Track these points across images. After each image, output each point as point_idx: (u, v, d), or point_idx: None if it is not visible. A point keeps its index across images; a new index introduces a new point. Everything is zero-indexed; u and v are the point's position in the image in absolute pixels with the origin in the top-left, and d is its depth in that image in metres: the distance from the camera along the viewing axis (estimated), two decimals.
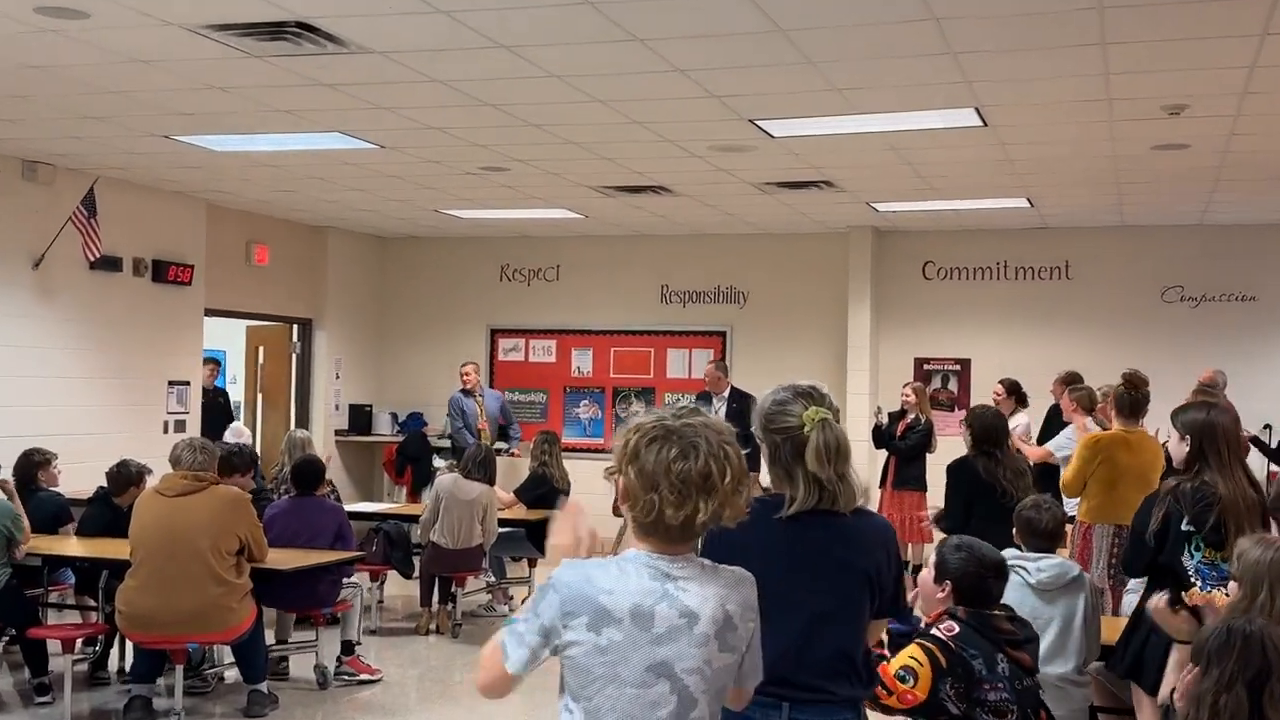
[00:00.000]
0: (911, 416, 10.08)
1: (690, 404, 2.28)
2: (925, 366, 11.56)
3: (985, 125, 7.05)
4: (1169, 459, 4.47)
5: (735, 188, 9.37)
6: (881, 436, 10.00)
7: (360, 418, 12.64)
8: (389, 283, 13.23)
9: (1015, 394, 9.48)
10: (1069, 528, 5.85)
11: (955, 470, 5.78)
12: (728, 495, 2.15)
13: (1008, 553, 4.05)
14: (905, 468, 9.70)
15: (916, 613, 3.49)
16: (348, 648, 7.00)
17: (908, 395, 10.16)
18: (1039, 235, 11.25)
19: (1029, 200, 9.78)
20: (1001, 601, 3.43)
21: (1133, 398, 6.26)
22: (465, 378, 11.02)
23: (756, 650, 2.26)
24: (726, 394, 10.54)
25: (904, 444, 9.79)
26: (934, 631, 3.30)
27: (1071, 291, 11.17)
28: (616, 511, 8.67)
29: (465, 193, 9.94)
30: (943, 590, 3.44)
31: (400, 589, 9.54)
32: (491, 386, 12.58)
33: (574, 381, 12.60)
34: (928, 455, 9.96)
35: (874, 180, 9.03)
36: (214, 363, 11.24)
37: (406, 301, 13.15)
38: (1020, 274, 11.31)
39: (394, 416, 12.85)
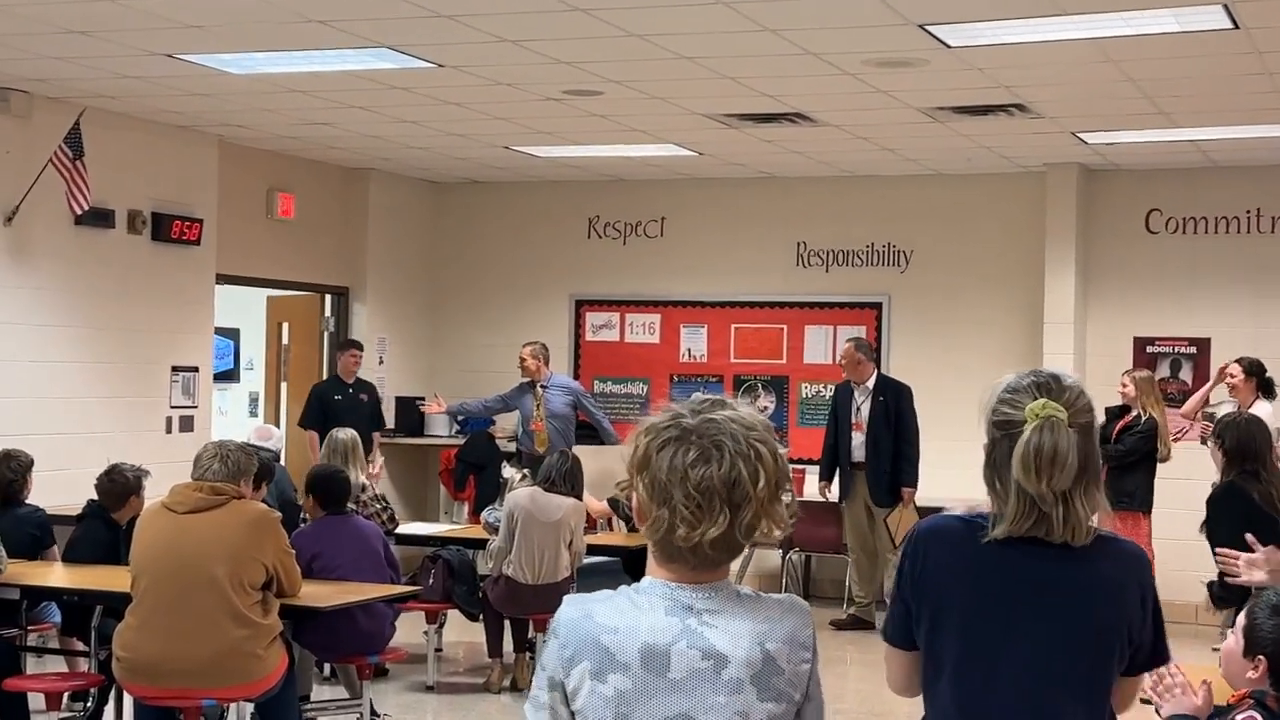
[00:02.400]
0: (1133, 414, 9.91)
1: (714, 395, 2.31)
2: (1149, 349, 11.37)
3: (1236, 27, 6.91)
4: None
5: (897, 115, 9.28)
6: None
7: (410, 415, 12.77)
8: (446, 241, 13.35)
9: (1258, 378, 9.26)
10: None
11: (1222, 501, 5.67)
12: (763, 503, 2.20)
13: None
14: (1119, 479, 9.57)
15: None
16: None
17: (1126, 386, 10.00)
18: None
19: None
20: None
21: None
22: (522, 364, 11.04)
23: (818, 699, 2.30)
24: (871, 384, 10.48)
25: (1116, 447, 9.64)
26: None
27: None
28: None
29: (544, 124, 9.98)
30: (1255, 668, 3.34)
31: (464, 633, 9.63)
32: (576, 375, 12.63)
33: (683, 368, 12.62)
34: (1157, 464, 9.79)
35: (1082, 102, 8.89)
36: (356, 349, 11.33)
37: (468, 265, 13.27)
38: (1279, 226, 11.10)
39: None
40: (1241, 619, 3.44)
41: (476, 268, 13.24)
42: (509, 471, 9.26)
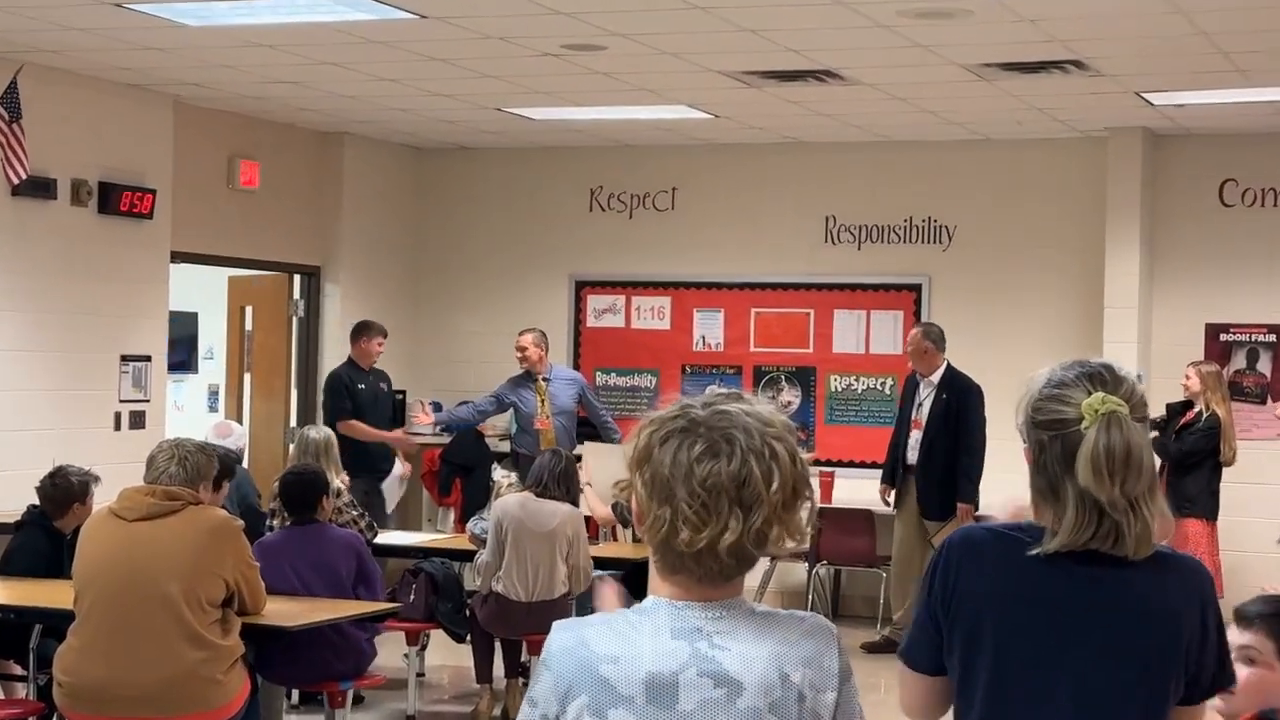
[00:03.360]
0: (1195, 410, 9.90)
1: (730, 389, 2.33)
2: (1222, 337, 11.35)
3: None
4: None
5: (939, 72, 9.26)
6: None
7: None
8: (430, 215, 13.34)
9: None
10: None
11: None
12: (776, 509, 2.21)
13: None
14: (1180, 483, 9.56)
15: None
16: None
17: (1190, 379, 10.02)
18: None
19: None
20: None
21: None
22: (523, 354, 11.06)
23: None
24: (938, 378, 10.40)
25: (1177, 446, 9.63)
26: None
27: None
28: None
29: (541, 83, 9.95)
30: None
31: (449, 656, 9.62)
32: (575, 366, 12.61)
33: (697, 358, 12.60)
34: (1221, 467, 9.76)
35: (1148, 58, 8.86)
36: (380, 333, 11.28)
37: (454, 242, 13.26)
38: None
39: (437, 408, 12.93)
40: None
41: (464, 245, 13.22)
42: (500, 474, 9.24)
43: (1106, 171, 11.32)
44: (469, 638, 8.61)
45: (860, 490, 11.31)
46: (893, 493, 10.68)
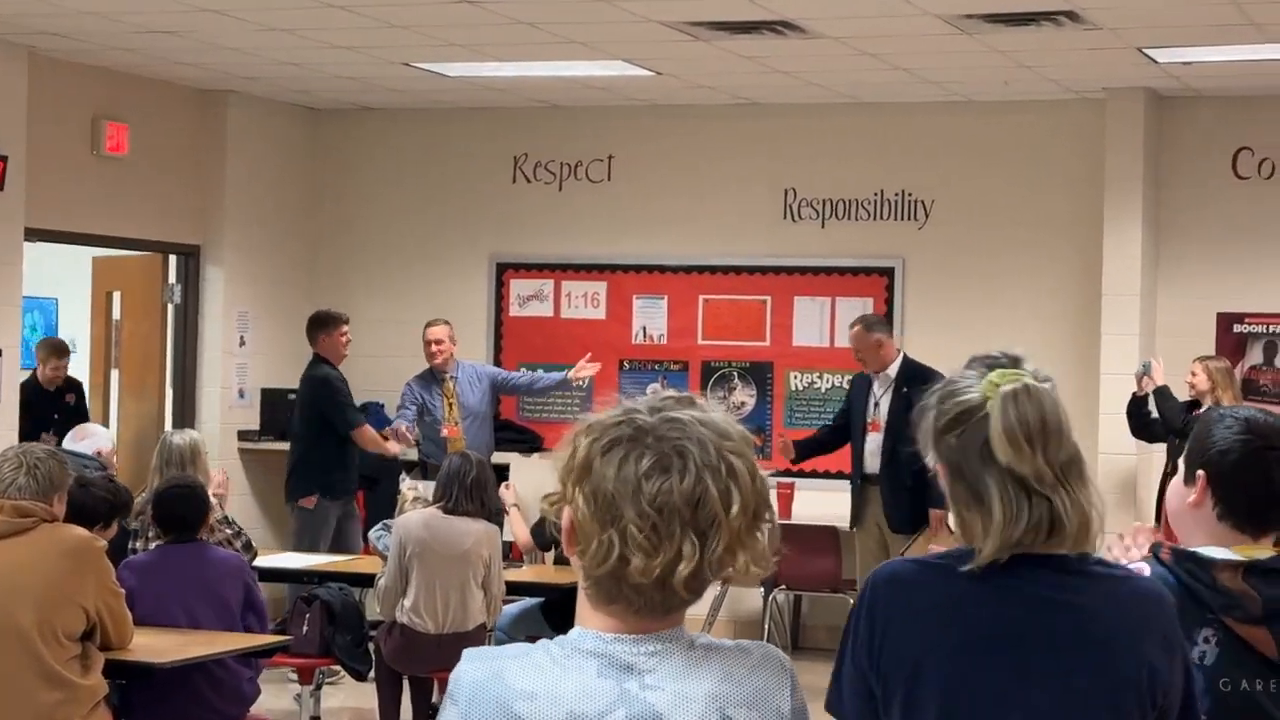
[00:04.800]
0: (1203, 409, 10.02)
1: (680, 392, 2.34)
2: (1236, 328, 11.47)
3: None
4: None
5: (914, 24, 9.29)
6: (1141, 413, 9.96)
7: (280, 412, 12.71)
8: (328, 186, 13.31)
9: None
10: None
11: None
12: (737, 533, 2.22)
13: None
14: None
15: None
16: None
17: (1196, 375, 10.13)
18: None
19: None
20: None
21: None
22: (434, 349, 11.08)
23: None
24: (893, 371, 10.42)
25: (1183, 424, 9.88)
26: None
27: None
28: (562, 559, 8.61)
29: (455, 35, 9.94)
30: (1194, 489, 3.40)
31: (349, 696, 9.60)
32: (496, 359, 12.60)
33: (636, 352, 12.63)
34: None
35: (1152, 9, 8.92)
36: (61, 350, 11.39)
37: (355, 218, 13.24)
38: None
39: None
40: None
41: (367, 221, 13.20)
42: (406, 485, 9.23)
43: (1105, 139, 11.39)
44: (371, 675, 8.59)
45: (824, 505, 11.36)
46: (792, 456, 10.70)
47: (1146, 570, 3.24)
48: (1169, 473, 10.06)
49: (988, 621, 2.74)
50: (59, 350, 11.85)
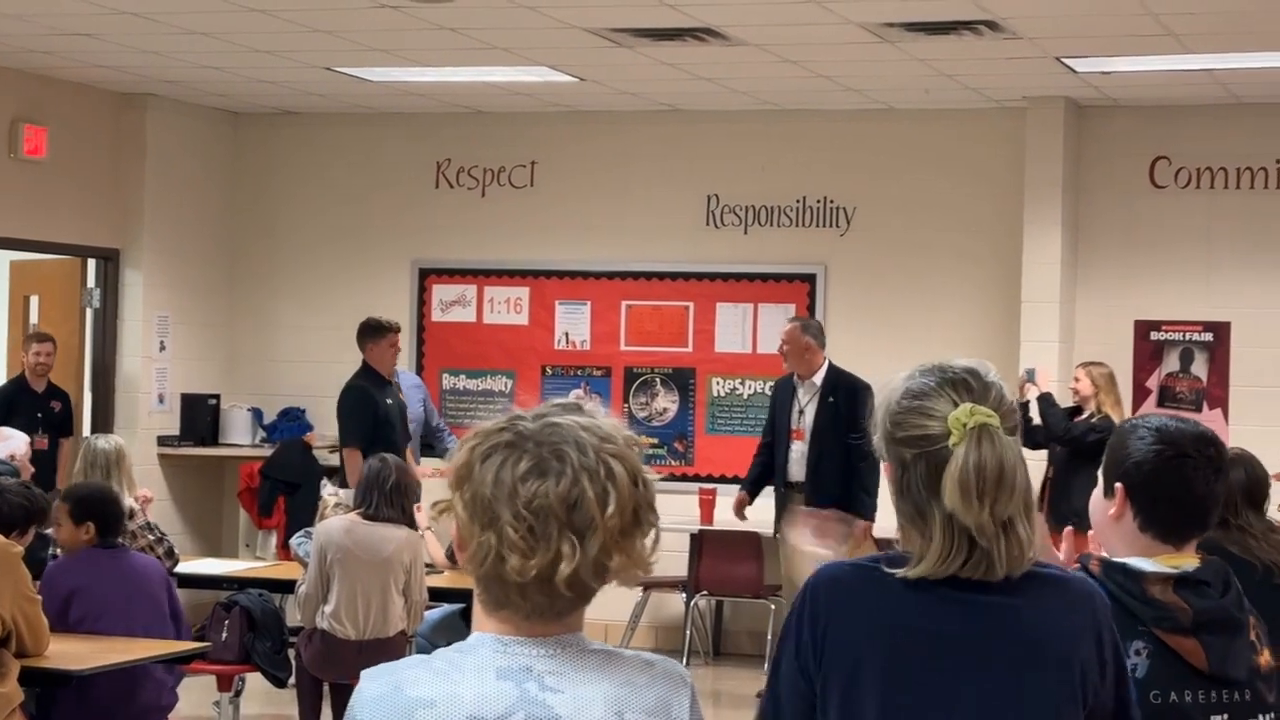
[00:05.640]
0: (1088, 414, 10.19)
1: (570, 399, 2.37)
2: (1154, 335, 11.54)
3: None
4: None
5: (836, 32, 9.32)
6: (1024, 420, 10.06)
7: (200, 417, 12.69)
8: (248, 191, 13.24)
9: None
10: None
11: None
12: (614, 535, 2.24)
13: None
14: (1067, 494, 9.65)
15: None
16: None
17: (1079, 381, 10.32)
18: None
19: None
20: None
21: None
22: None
23: None
24: (820, 379, 10.43)
25: (1064, 430, 10.04)
26: None
27: None
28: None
29: (378, 39, 9.91)
30: (1114, 502, 3.43)
31: (269, 703, 9.55)
32: (419, 366, 12.59)
33: (559, 357, 12.62)
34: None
35: (1071, 19, 8.97)
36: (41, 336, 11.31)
37: (277, 222, 13.17)
38: None
39: (257, 415, 12.88)
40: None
41: (288, 226, 13.14)
42: (328, 492, 9.19)
43: (1025, 147, 11.45)
44: (291, 682, 8.54)
45: (747, 511, 11.38)
46: (749, 505, 10.66)
47: None
48: (1049, 479, 10.16)
49: (926, 623, 2.75)
50: (39, 337, 11.58)
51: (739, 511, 10.70)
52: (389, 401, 10.78)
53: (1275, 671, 3.40)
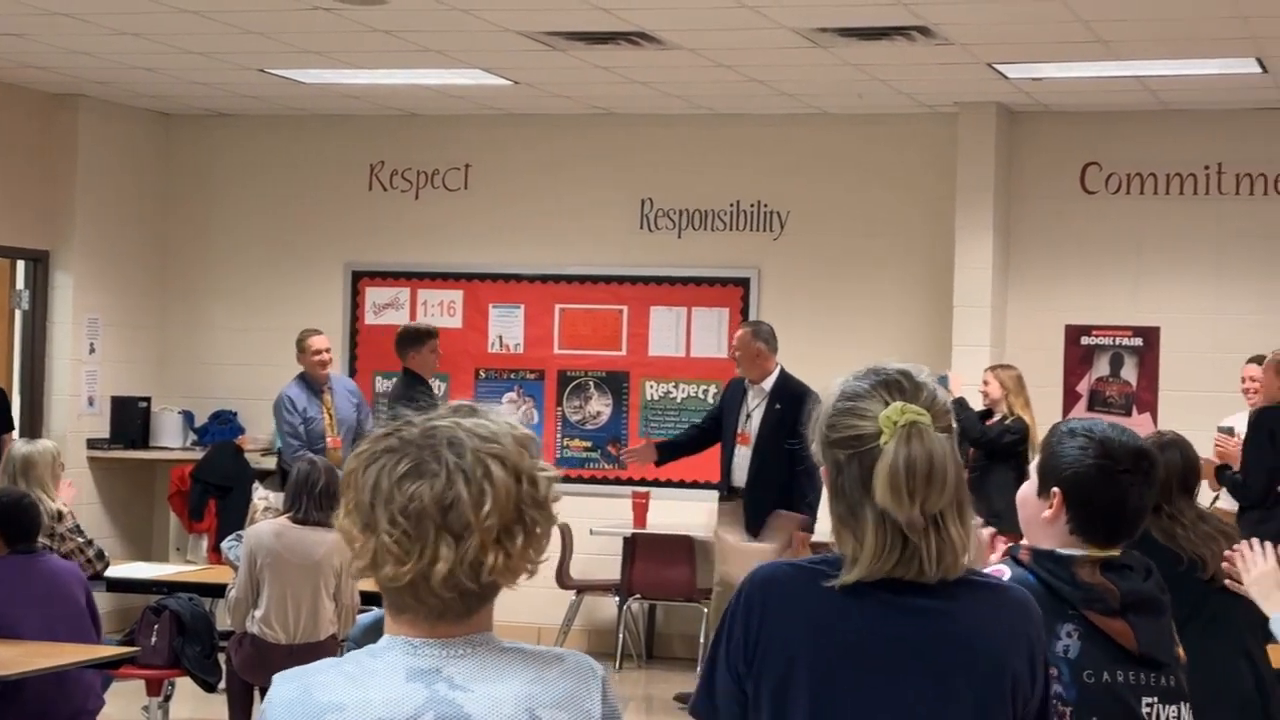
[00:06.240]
0: (998, 417, 10.41)
1: (466, 402, 2.38)
2: (1084, 339, 11.61)
3: None
4: None
5: (769, 36, 9.35)
6: None
7: (131, 419, 12.63)
8: (180, 192, 13.17)
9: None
10: None
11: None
12: (491, 535, 2.24)
13: None
14: (985, 494, 9.64)
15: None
16: None
17: (988, 384, 10.47)
18: None
19: (1261, 63, 9.78)
20: None
21: None
22: (326, 356, 11.04)
23: None
24: (769, 385, 10.37)
25: (980, 434, 10.17)
26: None
27: None
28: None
29: (311, 41, 9.90)
30: (1049, 504, 3.49)
31: (199, 708, 9.50)
32: (352, 370, 12.56)
33: (493, 361, 12.59)
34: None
35: (1003, 25, 9.00)
36: None
37: (209, 224, 13.11)
38: (1247, 185, 11.36)
39: (188, 418, 12.82)
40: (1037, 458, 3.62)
41: (221, 228, 13.08)
42: (259, 496, 9.16)
43: (957, 152, 11.50)
44: (221, 686, 8.51)
45: (679, 514, 11.42)
46: (653, 459, 10.67)
47: (1006, 572, 3.31)
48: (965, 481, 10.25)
49: (861, 625, 2.76)
50: None
51: (636, 452, 10.75)
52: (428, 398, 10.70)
53: (1185, 665, 3.49)
